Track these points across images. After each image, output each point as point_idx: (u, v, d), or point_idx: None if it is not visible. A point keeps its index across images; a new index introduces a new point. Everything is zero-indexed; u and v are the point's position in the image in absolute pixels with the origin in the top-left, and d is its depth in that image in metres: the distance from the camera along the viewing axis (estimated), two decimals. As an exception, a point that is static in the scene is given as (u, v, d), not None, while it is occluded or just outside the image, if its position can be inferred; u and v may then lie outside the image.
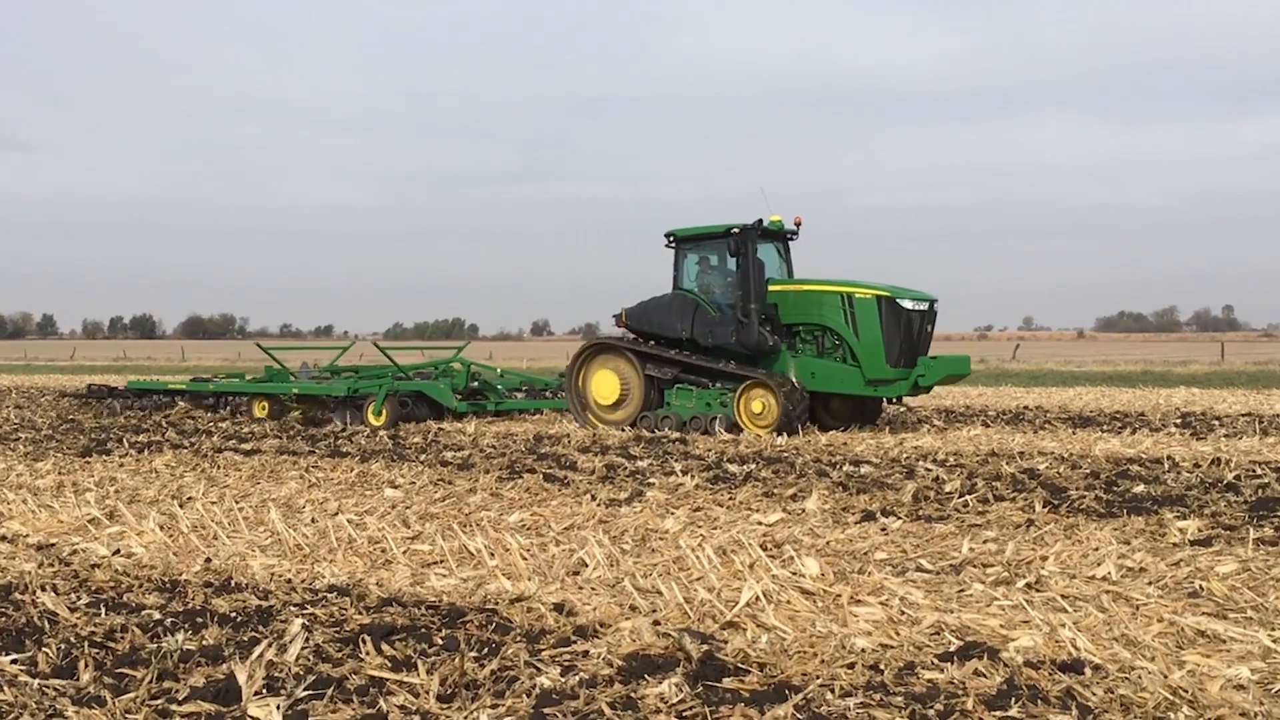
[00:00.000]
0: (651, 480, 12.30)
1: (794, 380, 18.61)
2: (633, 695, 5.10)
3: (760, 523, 9.55)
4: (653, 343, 19.77)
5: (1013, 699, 4.95)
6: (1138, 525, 9.39)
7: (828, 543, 8.72)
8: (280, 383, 22.97)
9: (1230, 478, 12.23)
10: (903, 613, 6.55)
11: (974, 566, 7.88)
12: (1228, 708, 4.89)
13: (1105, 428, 19.11)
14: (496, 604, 6.83)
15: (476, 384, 22.93)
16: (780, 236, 19.75)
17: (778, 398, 18.28)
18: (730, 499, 11.00)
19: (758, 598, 6.68)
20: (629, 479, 12.50)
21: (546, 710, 4.92)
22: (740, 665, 5.54)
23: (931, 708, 4.91)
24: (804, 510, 10.24)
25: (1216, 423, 20.04)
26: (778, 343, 18.92)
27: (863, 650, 5.79)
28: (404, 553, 8.42)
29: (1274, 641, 5.85)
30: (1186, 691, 5.08)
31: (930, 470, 12.99)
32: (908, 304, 18.55)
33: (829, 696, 5.06)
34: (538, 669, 5.47)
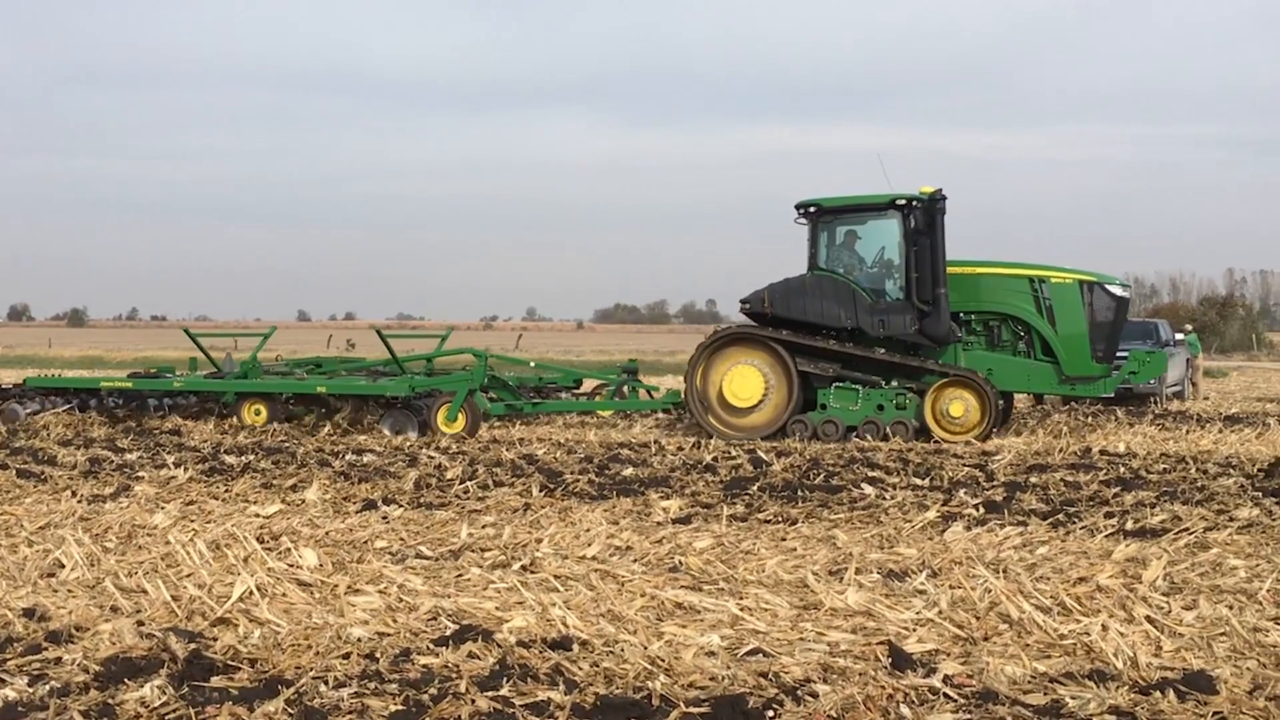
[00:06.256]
0: (141, 474, 11.63)
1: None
2: (110, 701, 4.80)
3: (257, 515, 9.26)
4: (786, 332, 16.35)
5: (505, 679, 5.07)
6: (626, 506, 9.91)
7: (327, 533, 8.59)
8: (289, 380, 17.61)
9: (709, 460, 13.17)
10: (401, 600, 6.57)
11: (473, 551, 8.03)
12: (699, 673, 5.25)
13: (600, 415, 20.00)
14: (-45, 613, 6.21)
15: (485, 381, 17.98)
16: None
17: (985, 399, 15.56)
18: (226, 491, 10.60)
19: (251, 592, 6.48)
20: (115, 473, 11.76)
21: (10, 725, 4.53)
22: (230, 662, 5.34)
23: (426, 692, 4.94)
24: (304, 501, 10.03)
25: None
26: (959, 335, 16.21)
27: (359, 639, 5.75)
28: None
29: (741, 609, 6.34)
30: (664, 660, 5.40)
31: (433, 458, 13.10)
32: (1116, 290, 16.31)
33: (322, 688, 4.98)
34: (1, 681, 5.02)
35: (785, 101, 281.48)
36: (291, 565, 7.29)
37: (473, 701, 4.84)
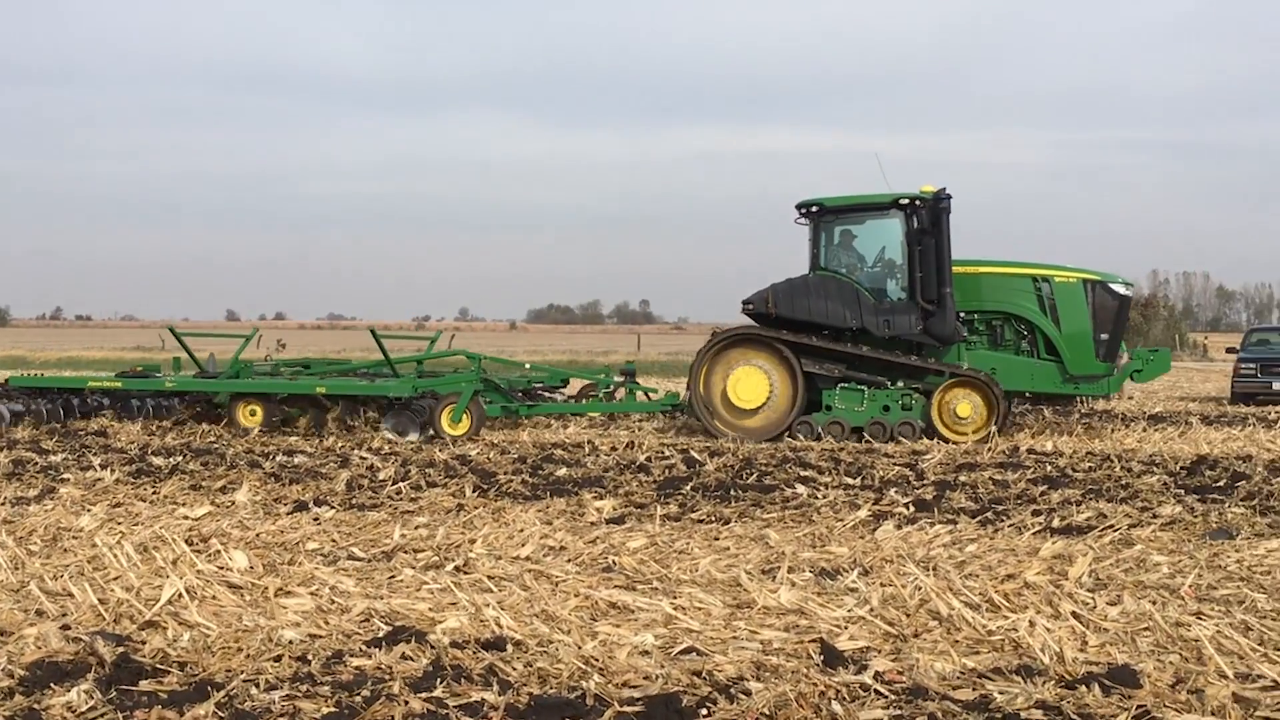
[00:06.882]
0: (66, 476, 11.45)
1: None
2: (36, 706, 4.73)
3: (186, 517, 9.16)
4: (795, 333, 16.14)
5: (438, 680, 5.06)
6: (560, 506, 9.90)
7: (258, 535, 8.51)
8: (287, 380, 17.23)
9: (642, 459, 13.20)
10: (333, 602, 6.52)
11: (405, 552, 7.98)
12: (633, 672, 5.27)
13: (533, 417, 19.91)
14: (-126, 618, 6.08)
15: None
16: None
17: (992, 398, 15.51)
18: (154, 493, 10.46)
19: (180, 595, 6.40)
20: (39, 475, 11.57)
21: (-68, 732, 4.45)
22: (159, 666, 5.28)
23: (358, 695, 4.92)
24: (234, 502, 9.93)
25: (633, 409, 21.50)
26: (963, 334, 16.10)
27: (290, 642, 5.71)
28: None
29: (675, 609, 6.36)
30: (598, 660, 5.42)
31: (365, 459, 13.02)
32: (1119, 288, 16.33)
33: (253, 691, 4.94)
34: (-77, 687, 4.93)
35: (719, 103, 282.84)
36: (221, 567, 7.22)
37: (406, 703, 4.82)
